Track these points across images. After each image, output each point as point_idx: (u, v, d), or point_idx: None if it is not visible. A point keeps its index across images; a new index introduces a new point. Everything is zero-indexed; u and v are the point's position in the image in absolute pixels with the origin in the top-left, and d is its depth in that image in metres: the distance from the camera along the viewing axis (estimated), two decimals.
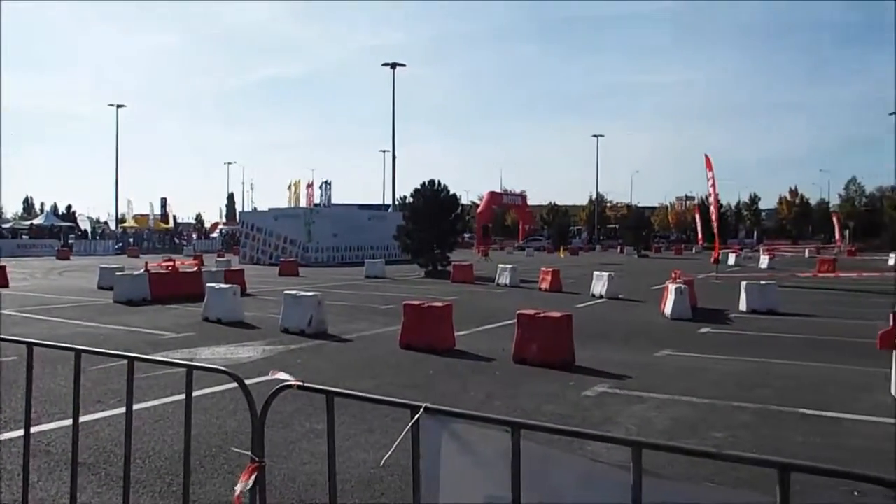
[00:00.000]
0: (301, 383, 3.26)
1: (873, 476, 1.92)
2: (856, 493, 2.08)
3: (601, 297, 22.53)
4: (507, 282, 27.42)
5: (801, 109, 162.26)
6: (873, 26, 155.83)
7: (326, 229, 46.56)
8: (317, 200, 72.95)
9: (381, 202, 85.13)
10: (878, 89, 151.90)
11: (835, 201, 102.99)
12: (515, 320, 11.62)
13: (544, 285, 25.51)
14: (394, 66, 59.27)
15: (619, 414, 8.26)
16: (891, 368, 9.22)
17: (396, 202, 64.94)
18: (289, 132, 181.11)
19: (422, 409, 2.90)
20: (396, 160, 63.11)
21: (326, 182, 75.77)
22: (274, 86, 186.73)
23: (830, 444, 7.14)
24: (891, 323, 12.19)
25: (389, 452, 3.02)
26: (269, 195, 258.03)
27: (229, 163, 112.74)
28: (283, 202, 73.58)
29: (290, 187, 75.61)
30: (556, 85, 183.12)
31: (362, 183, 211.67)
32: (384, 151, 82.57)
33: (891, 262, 41.59)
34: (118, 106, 73.50)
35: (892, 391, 9.03)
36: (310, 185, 75.24)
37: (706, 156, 30.61)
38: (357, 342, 13.44)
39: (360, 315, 17.57)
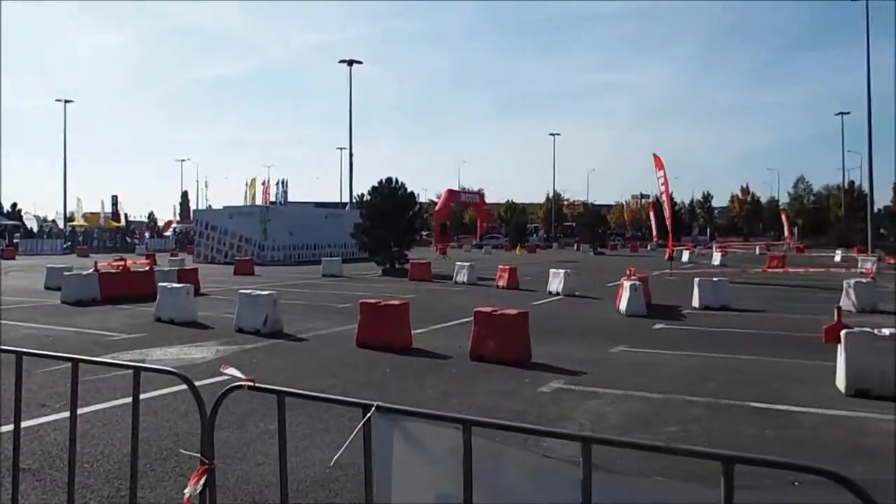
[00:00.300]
0: (252, 383, 3.21)
1: (812, 466, 1.96)
2: (796, 484, 2.12)
3: (558, 294, 22.73)
4: (465, 279, 27.49)
5: (752, 109, 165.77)
6: (821, 28, 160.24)
7: (283, 228, 46.12)
8: (273, 199, 72.21)
9: (338, 200, 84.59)
10: (825, 90, 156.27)
11: (784, 199, 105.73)
12: (472, 318, 11.65)
13: (501, 283, 25.64)
14: (350, 63, 59.00)
15: (574, 410, 8.33)
16: (835, 361, 9.45)
17: (354, 200, 64.51)
18: (243, 130, 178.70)
19: (373, 408, 2.88)
20: (354, 158, 62.88)
21: (283, 180, 75.11)
22: (227, 83, 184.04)
23: (780, 436, 7.29)
24: (835, 318, 12.58)
25: (339, 452, 2.99)
26: (224, 193, 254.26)
27: (182, 160, 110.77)
28: (238, 200, 72.68)
29: (246, 185, 74.67)
30: (514, 84, 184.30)
31: (319, 181, 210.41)
32: (341, 149, 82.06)
33: (837, 259, 42.75)
34: (66, 101, 71.77)
35: (837, 383, 9.26)
36: (266, 184, 74.45)
37: (655, 155, 31.08)
38: (313, 341, 13.33)
39: (316, 314, 17.43)
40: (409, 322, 12.79)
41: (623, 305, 17.72)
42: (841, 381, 9.18)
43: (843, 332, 9.37)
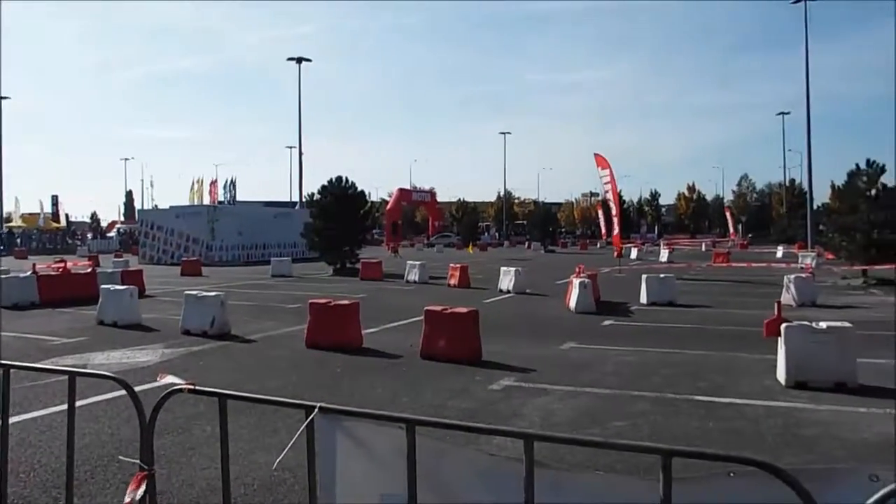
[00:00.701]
0: (192, 386, 3.15)
1: (745, 458, 2.00)
2: (731, 475, 2.16)
3: (509, 292, 22.87)
4: (417, 278, 27.47)
5: (699, 108, 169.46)
6: (765, 30, 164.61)
7: (231, 227, 45.42)
8: (221, 198, 71.04)
9: (288, 199, 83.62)
10: (768, 90, 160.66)
11: (729, 197, 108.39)
12: (423, 317, 11.64)
13: (453, 281, 25.69)
14: (299, 60, 58.32)
15: (524, 407, 8.39)
16: (776, 355, 9.70)
17: (304, 199, 63.84)
18: (190, 128, 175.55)
19: (316, 410, 2.85)
20: (304, 157, 62.24)
21: (231, 179, 73.89)
22: (173, 80, 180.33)
23: (723, 428, 7.46)
24: (775, 312, 12.93)
25: (282, 455, 2.95)
26: (170, 193, 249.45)
27: (126, 159, 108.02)
28: (185, 200, 71.14)
29: (192, 185, 73.19)
30: (468, 83, 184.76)
31: (269, 180, 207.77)
32: (291, 148, 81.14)
33: (779, 255, 43.95)
34: (2, 98, 69.24)
35: (778, 376, 9.52)
36: (213, 183, 73.16)
37: (597, 155, 31.39)
38: (262, 342, 13.15)
39: (265, 315, 17.20)
40: (359, 322, 12.72)
41: (573, 303, 17.91)
42: (781, 374, 9.43)
43: (782, 326, 9.62)
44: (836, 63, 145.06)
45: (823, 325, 9.44)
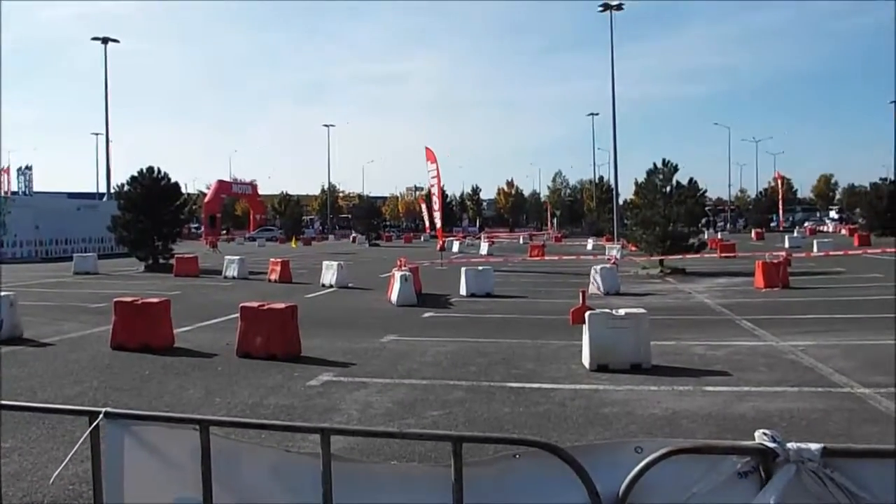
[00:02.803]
0: None
1: (527, 439, 2.11)
2: (517, 456, 2.28)
3: (331, 286, 22.70)
4: (236, 274, 26.60)
5: (518, 106, 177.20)
6: (577, 32, 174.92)
7: (26, 221, 41.47)
8: (14, 188, 64.63)
9: (94, 191, 77.64)
10: (580, 91, 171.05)
11: (545, 192, 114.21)
12: (239, 313, 11.27)
13: (274, 276, 25.11)
14: (105, 41, 54.15)
15: (342, 401, 8.36)
16: (581, 340, 10.35)
17: (112, 191, 59.56)
18: None
19: (101, 415, 2.66)
20: (115, 146, 58.04)
21: (26, 167, 67.39)
22: None
23: (532, 412, 7.85)
24: (580, 301, 13.81)
25: (62, 465, 2.73)
26: None
27: None
28: None
29: None
30: (291, 72, 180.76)
31: (72, 170, 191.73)
32: (97, 135, 75.25)
33: (589, 247, 46.97)
34: None
35: (583, 360, 10.15)
36: (5, 171, 66.36)
37: (427, 148, 32.13)
38: (60, 346, 12.12)
39: (65, 316, 15.88)
40: (170, 320, 12.08)
41: (394, 296, 18.10)
42: (586, 358, 10.07)
43: (586, 314, 10.28)
44: (643, 65, 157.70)
45: (622, 311, 10.20)
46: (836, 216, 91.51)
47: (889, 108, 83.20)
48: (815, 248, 33.96)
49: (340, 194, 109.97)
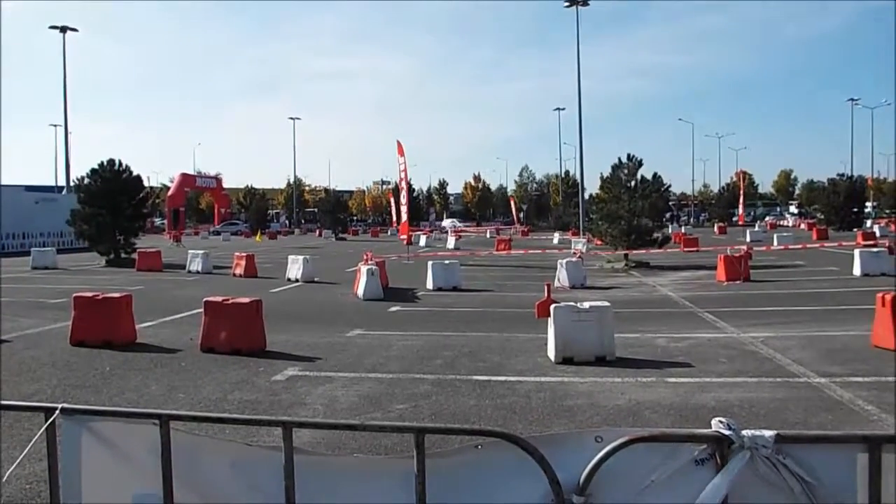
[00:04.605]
0: None
1: (487, 430, 2.13)
2: (478, 447, 2.30)
3: (297, 280, 22.54)
4: (200, 268, 26.27)
5: (485, 101, 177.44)
6: (542, 28, 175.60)
7: None
8: None
9: (53, 184, 75.98)
10: (547, 86, 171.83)
11: (511, 187, 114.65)
12: (202, 308, 11.14)
13: (239, 271, 24.86)
14: (64, 29, 52.95)
15: (307, 395, 8.32)
16: (547, 333, 10.42)
17: (72, 184, 58.31)
18: None
19: (57, 411, 2.62)
20: (73, 137, 56.80)
21: None
22: None
23: (498, 405, 7.89)
24: (546, 294, 13.90)
25: (15, 464, 2.69)
26: None
27: None
28: None
29: None
30: (255, 65, 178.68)
31: (29, 162, 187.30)
32: (55, 126, 73.54)
33: (555, 241, 47.31)
34: None
35: (549, 353, 10.23)
36: None
37: (398, 142, 32.05)
38: (17, 342, 11.87)
39: (22, 312, 15.54)
40: (132, 315, 11.90)
41: (361, 290, 18.04)
42: (551, 351, 10.15)
43: (552, 307, 10.36)
44: (609, 62, 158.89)
45: (587, 304, 10.29)
46: (795, 211, 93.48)
47: (847, 106, 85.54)
48: (775, 242, 34.64)
49: (306, 188, 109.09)
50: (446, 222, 78.98)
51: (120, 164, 32.35)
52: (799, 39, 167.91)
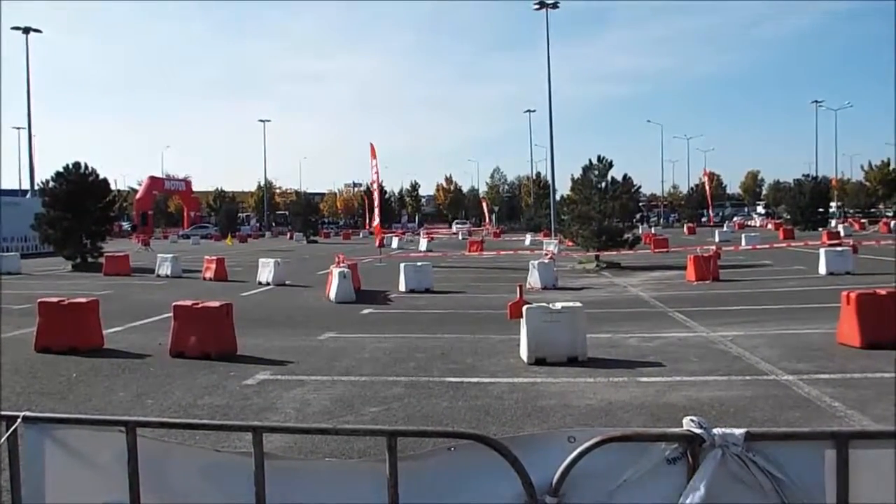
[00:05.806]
0: None
1: (459, 432, 2.12)
2: (451, 449, 2.29)
3: (268, 284, 22.36)
4: (169, 272, 25.97)
5: (456, 102, 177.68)
6: (514, 31, 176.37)
7: None
8: None
9: (17, 188, 74.54)
10: (518, 88, 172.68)
11: (483, 188, 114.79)
12: (171, 312, 11.00)
13: (209, 274, 24.60)
14: (27, 31, 51.99)
15: (279, 399, 8.24)
16: (520, 334, 10.44)
17: (37, 188, 57.18)
18: None
19: (19, 420, 2.55)
20: (37, 140, 55.77)
21: None
22: None
23: (471, 406, 7.88)
24: (518, 295, 13.94)
25: None
26: None
27: None
28: None
29: None
30: (225, 66, 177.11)
31: None
32: (18, 129, 72.21)
33: (527, 242, 47.49)
34: None
35: (521, 354, 10.25)
36: None
37: (371, 144, 31.88)
38: None
39: None
40: (99, 321, 11.71)
41: (333, 293, 17.94)
42: (524, 352, 10.16)
43: (524, 308, 10.39)
44: (578, 65, 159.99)
45: (559, 305, 10.32)
46: (762, 211, 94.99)
47: (811, 108, 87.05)
48: (743, 242, 35.11)
49: (277, 191, 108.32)
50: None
51: (86, 166, 31.83)
52: (764, 42, 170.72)
